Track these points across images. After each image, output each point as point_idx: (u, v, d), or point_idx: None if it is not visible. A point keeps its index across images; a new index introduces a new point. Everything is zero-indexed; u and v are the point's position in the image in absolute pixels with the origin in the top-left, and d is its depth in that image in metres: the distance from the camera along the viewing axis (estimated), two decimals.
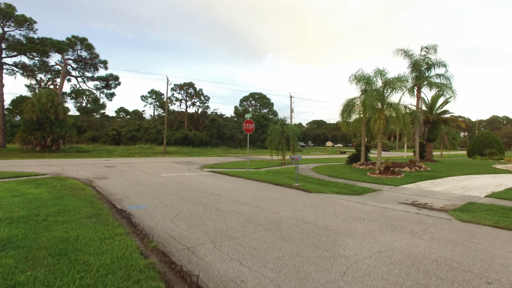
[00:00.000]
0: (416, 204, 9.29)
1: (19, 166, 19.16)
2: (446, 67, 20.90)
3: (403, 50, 21.26)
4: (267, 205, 8.45)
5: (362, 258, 4.59)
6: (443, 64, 20.84)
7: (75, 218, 6.74)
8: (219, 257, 4.58)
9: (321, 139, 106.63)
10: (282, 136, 24.40)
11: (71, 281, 3.72)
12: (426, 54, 21.36)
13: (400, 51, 21.28)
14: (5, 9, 31.04)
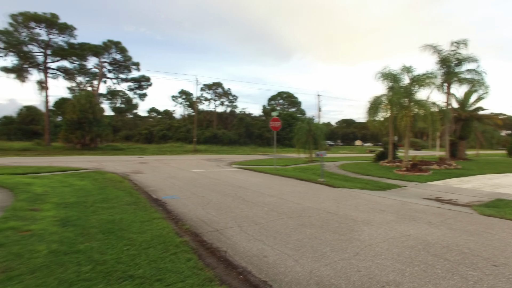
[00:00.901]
0: (440, 199, 9.38)
1: (63, 161, 20.76)
2: (477, 62, 20.25)
3: (431, 45, 20.83)
4: (291, 197, 8.93)
5: (376, 242, 4.97)
6: (474, 59, 20.22)
7: (117, 205, 7.54)
8: (244, 238, 5.14)
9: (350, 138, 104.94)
10: (309, 134, 24.64)
11: (120, 251, 4.40)
12: (457, 49, 20.78)
13: (428, 46, 20.86)
14: (50, 19, 33.48)
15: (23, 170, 14.80)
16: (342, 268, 3.97)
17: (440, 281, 3.67)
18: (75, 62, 38.48)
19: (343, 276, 3.74)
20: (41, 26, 34.22)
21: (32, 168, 15.80)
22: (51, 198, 8.21)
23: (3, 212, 6.50)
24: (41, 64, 36.24)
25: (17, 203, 7.38)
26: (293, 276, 3.75)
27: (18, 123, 55.23)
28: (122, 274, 3.70)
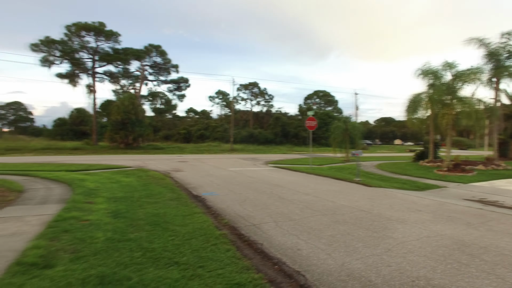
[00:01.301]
0: (484, 201, 9.03)
1: (109, 160, 22.23)
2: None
3: (477, 39, 19.69)
4: (326, 195, 9.07)
5: (409, 240, 5.04)
6: None
7: (161, 200, 8.12)
8: (280, 232, 5.42)
9: (389, 137, 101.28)
10: (345, 133, 24.35)
11: (166, 241, 4.86)
12: (508, 40, 19.45)
13: (473, 40, 19.74)
14: (98, 27, 35.90)
15: (76, 167, 16.16)
16: (373, 262, 4.13)
17: (473, 279, 3.71)
18: (119, 66, 40.84)
19: (374, 270, 3.90)
20: (90, 34, 36.75)
21: (83, 165, 17.17)
22: (102, 192, 9.02)
23: (66, 204, 7.30)
24: (90, 69, 38.89)
25: (75, 196, 8.22)
26: (325, 268, 3.98)
27: (70, 124, 59.39)
28: (168, 260, 4.13)
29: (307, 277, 3.71)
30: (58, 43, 35.48)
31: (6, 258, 4.18)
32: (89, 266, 3.86)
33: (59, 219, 6.02)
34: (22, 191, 9.06)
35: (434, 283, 3.55)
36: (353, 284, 3.52)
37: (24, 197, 8.30)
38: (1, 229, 5.44)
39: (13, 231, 5.38)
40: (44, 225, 5.71)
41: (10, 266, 3.87)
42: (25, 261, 4.00)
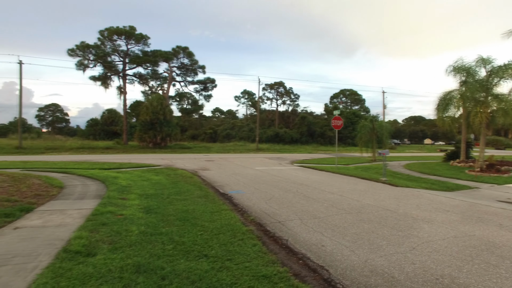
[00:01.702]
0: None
1: (139, 159, 23.10)
2: None
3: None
4: (351, 194, 9.07)
5: (435, 239, 5.02)
6: None
7: (190, 197, 8.45)
8: (305, 229, 5.55)
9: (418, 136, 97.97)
10: (372, 132, 23.93)
11: (195, 235, 5.11)
12: None
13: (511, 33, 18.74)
14: (129, 31, 37.35)
15: (109, 166, 16.97)
16: (396, 260, 4.17)
17: (502, 280, 3.68)
18: (148, 68, 42.15)
19: (397, 267, 3.95)
20: (121, 38, 38.24)
21: (115, 164, 17.99)
22: (134, 189, 9.49)
23: (102, 200, 7.79)
24: (121, 72, 40.45)
25: (110, 192, 8.72)
26: (349, 263, 4.07)
27: (102, 124, 62.01)
28: (198, 253, 4.37)
29: (331, 271, 3.83)
30: (92, 47, 37.19)
31: (55, 246, 4.60)
32: (125, 256, 4.16)
33: (97, 213, 6.46)
34: (62, 187, 9.70)
35: (459, 282, 3.57)
36: (376, 279, 3.60)
37: (64, 193, 8.90)
38: (49, 221, 5.93)
39: (58, 223, 5.85)
40: (84, 218, 6.16)
41: (58, 253, 4.27)
42: (71, 249, 4.38)
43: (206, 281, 3.51)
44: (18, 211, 6.40)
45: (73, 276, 3.57)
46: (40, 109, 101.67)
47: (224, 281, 3.51)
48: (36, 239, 4.93)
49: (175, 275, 3.63)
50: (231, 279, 3.56)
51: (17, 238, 4.95)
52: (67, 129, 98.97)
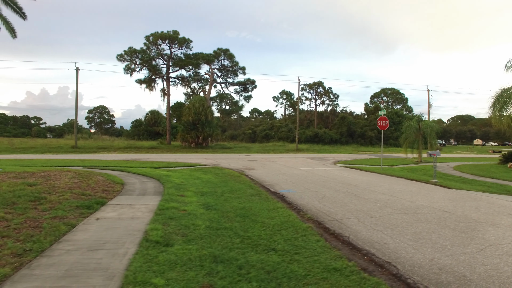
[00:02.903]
0: None
1: (183, 158, 24.07)
2: None
3: None
4: (403, 195, 8.99)
5: (504, 243, 4.93)
6: None
7: (243, 195, 8.81)
8: (363, 228, 5.68)
9: (467, 136, 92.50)
10: (418, 132, 23.13)
11: (258, 231, 5.42)
12: None
13: None
14: (172, 35, 38.98)
15: (158, 164, 17.88)
16: (464, 260, 4.20)
17: None
18: (190, 71, 43.62)
19: (467, 266, 3.99)
20: (165, 42, 39.98)
21: (163, 163, 18.91)
22: (189, 187, 10.03)
23: (162, 196, 8.37)
24: (164, 75, 42.24)
25: (168, 189, 9.31)
26: (415, 261, 4.17)
27: (145, 125, 64.96)
28: (265, 247, 4.67)
29: (399, 267, 3.95)
30: (138, 52, 39.23)
31: (135, 236, 5.12)
32: (200, 247, 4.55)
33: (162, 208, 7.00)
34: (123, 184, 10.49)
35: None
36: (447, 277, 3.68)
37: (126, 189, 9.64)
38: (122, 214, 6.54)
39: (130, 215, 6.44)
40: (152, 212, 6.71)
41: (141, 242, 4.76)
42: (151, 239, 4.86)
43: (280, 272, 3.78)
44: (95, 204, 7.11)
45: (161, 262, 4.00)
46: (89, 111, 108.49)
47: (297, 272, 3.77)
48: (117, 229, 5.50)
49: (250, 266, 3.94)
50: (303, 270, 3.81)
51: (102, 227, 5.55)
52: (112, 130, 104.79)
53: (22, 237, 4.75)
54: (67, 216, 6.05)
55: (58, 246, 4.62)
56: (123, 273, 3.73)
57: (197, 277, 3.57)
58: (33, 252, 4.28)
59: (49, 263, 4.02)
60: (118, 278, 3.62)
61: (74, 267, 3.89)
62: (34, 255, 4.22)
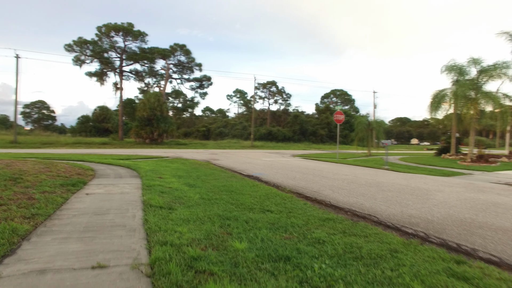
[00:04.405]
0: (510, 183, 9.83)
1: (141, 152, 23.56)
2: None
3: (507, 33, 20.14)
4: (363, 176, 10.10)
5: (450, 200, 6.06)
6: None
7: (219, 177, 9.25)
8: (339, 195, 6.51)
9: (405, 136, 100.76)
10: (368, 128, 25.17)
11: (248, 199, 5.96)
12: None
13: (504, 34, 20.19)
14: (127, 27, 37.67)
15: (118, 157, 17.42)
16: (425, 211, 5.18)
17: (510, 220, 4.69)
18: (145, 65, 42.49)
19: (428, 214, 4.96)
20: (119, 35, 38.51)
21: (123, 156, 18.46)
22: (163, 172, 10.17)
23: (141, 178, 8.51)
24: (117, 68, 40.66)
25: (144, 173, 9.41)
26: (389, 213, 5.05)
27: (93, 121, 61.63)
28: (260, 209, 5.23)
29: (378, 216, 4.79)
30: (89, 43, 37.34)
31: (135, 204, 5.40)
32: (203, 210, 4.99)
33: (148, 184, 7.23)
34: (94, 170, 10.32)
35: (478, 220, 4.60)
36: (416, 220, 4.59)
37: (100, 174, 9.56)
38: (110, 190, 6.69)
39: (119, 191, 6.61)
40: (139, 189, 6.93)
41: (144, 207, 5.07)
42: (154, 204, 5.19)
43: (282, 223, 4.39)
44: (78, 183, 7.13)
45: (174, 219, 4.40)
46: (26, 106, 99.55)
47: (297, 222, 4.40)
48: (113, 200, 5.70)
49: (254, 221, 4.49)
50: (302, 221, 4.46)
51: (96, 200, 5.72)
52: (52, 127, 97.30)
53: (23, 205, 4.82)
54: (55, 191, 6.08)
55: (62, 212, 4.78)
56: (143, 227, 4.08)
57: (213, 228, 4.04)
58: (41, 216, 4.42)
59: (63, 223, 4.22)
60: (139, 230, 3.97)
61: (91, 225, 4.14)
62: (43, 218, 4.37)
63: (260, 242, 3.50)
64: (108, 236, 3.72)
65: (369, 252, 3.22)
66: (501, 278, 2.70)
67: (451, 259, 3.10)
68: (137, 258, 3.02)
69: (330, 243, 3.49)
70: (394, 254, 3.20)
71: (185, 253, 3.07)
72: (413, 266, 2.90)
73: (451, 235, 3.95)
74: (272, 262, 2.97)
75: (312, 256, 3.12)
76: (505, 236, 3.98)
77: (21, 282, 2.46)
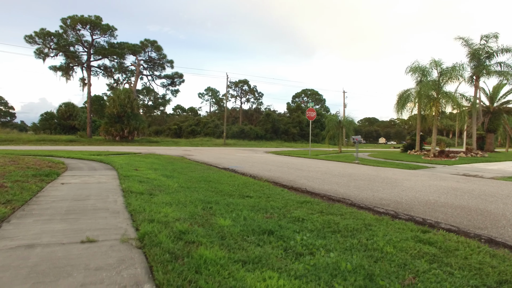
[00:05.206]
0: (467, 175, 10.63)
1: (112, 149, 22.94)
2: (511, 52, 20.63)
3: (463, 38, 21.56)
4: (336, 168, 10.52)
5: (416, 187, 6.53)
6: (507, 49, 20.58)
7: (196, 170, 9.30)
8: (314, 184, 6.80)
9: (373, 136, 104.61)
10: (339, 126, 25.96)
11: (226, 187, 6.09)
12: (486, 43, 21.41)
13: (460, 39, 21.63)
14: (94, 21, 36.30)
15: (88, 153, 16.92)
16: (394, 195, 5.57)
17: (467, 201, 5.16)
18: (115, 60, 41.24)
19: (397, 197, 5.34)
20: (86, 28, 37.08)
21: (94, 152, 17.91)
22: (138, 166, 10.04)
23: (117, 170, 8.38)
24: (85, 63, 39.17)
25: (119, 166, 9.26)
26: (362, 197, 5.38)
27: (58, 118, 58.96)
28: (239, 195, 5.38)
29: (352, 200, 5.10)
30: (53, 35, 35.70)
31: (114, 191, 5.38)
32: (184, 196, 5.06)
33: (125, 175, 7.17)
34: (64, 164, 10.00)
35: (440, 201, 5.04)
36: (387, 202, 4.95)
37: (72, 167, 9.29)
38: (86, 180, 6.58)
39: (96, 181, 6.53)
40: (116, 179, 6.86)
41: (125, 194, 5.07)
42: (134, 191, 5.21)
43: (262, 206, 4.57)
44: (51, 173, 6.95)
45: (157, 202, 4.46)
46: None
47: (276, 205, 4.60)
48: (91, 189, 5.64)
49: (235, 204, 4.63)
50: (281, 204, 4.66)
51: (74, 188, 5.63)
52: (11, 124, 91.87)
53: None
54: (28, 181, 5.91)
55: (39, 199, 4.70)
56: (126, 209, 4.12)
57: (196, 210, 4.15)
58: (18, 202, 4.34)
59: (43, 207, 4.17)
60: (123, 212, 4.01)
61: (73, 209, 4.13)
62: (20, 203, 4.30)
63: (243, 221, 3.67)
64: (92, 217, 3.73)
65: (346, 227, 3.47)
66: (458, 241, 3.06)
67: (418, 229, 3.42)
68: (125, 234, 3.09)
69: (309, 221, 3.72)
70: (369, 227, 3.47)
71: (172, 228, 3.17)
72: (385, 236, 3.18)
73: (417, 212, 4.31)
74: (257, 235, 3.14)
75: (294, 230, 3.32)
76: (463, 212, 4.42)
77: (10, 255, 2.47)
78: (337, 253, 2.70)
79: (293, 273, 2.26)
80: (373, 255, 2.68)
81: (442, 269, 2.43)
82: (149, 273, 2.21)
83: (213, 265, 2.30)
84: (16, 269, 2.22)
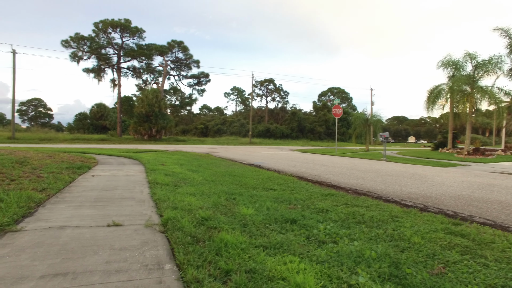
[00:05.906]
0: (505, 173, 10.04)
1: (141, 147, 23.65)
2: None
3: (501, 28, 20.26)
4: (362, 165, 10.26)
5: (447, 182, 6.24)
6: None
7: (221, 165, 9.38)
8: (340, 178, 6.66)
9: (402, 135, 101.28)
10: (366, 124, 25.35)
11: (250, 181, 6.09)
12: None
13: (498, 29, 20.36)
14: (124, 23, 37.58)
15: (118, 151, 17.53)
16: (423, 190, 5.34)
17: (505, 195, 4.86)
18: (143, 62, 42.44)
19: (426, 192, 5.12)
20: (116, 31, 38.43)
21: (123, 150, 18.52)
22: (165, 161, 10.27)
23: (144, 165, 8.62)
24: (115, 64, 40.63)
25: (147, 161, 9.53)
26: (389, 191, 5.21)
27: (91, 118, 61.54)
28: (264, 188, 5.36)
29: (378, 193, 4.95)
30: (86, 39, 37.28)
31: (141, 183, 5.53)
32: (208, 188, 5.12)
33: (152, 169, 7.37)
34: (96, 159, 10.42)
35: (475, 196, 4.78)
36: (415, 196, 4.76)
37: (102, 162, 9.66)
38: (115, 173, 6.81)
39: (124, 174, 6.74)
40: (143, 172, 7.05)
41: (151, 185, 5.20)
42: (160, 182, 5.33)
43: (285, 197, 4.53)
44: (83, 167, 7.25)
45: (181, 192, 4.53)
46: (22, 104, 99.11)
47: (300, 197, 4.55)
48: (119, 180, 5.82)
49: (258, 196, 4.62)
50: (305, 196, 4.60)
51: (103, 179, 5.83)
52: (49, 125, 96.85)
53: (34, 181, 4.95)
54: (62, 172, 6.19)
55: (71, 188, 4.91)
56: (151, 199, 4.22)
57: (220, 200, 4.18)
58: (52, 190, 4.56)
59: (74, 196, 4.35)
60: (148, 201, 4.11)
61: (101, 197, 4.27)
62: (54, 191, 4.51)
63: (266, 211, 3.64)
64: (119, 205, 3.85)
65: (371, 218, 3.37)
66: (495, 234, 2.87)
67: (449, 222, 3.26)
68: (150, 220, 3.16)
69: (333, 212, 3.64)
70: (395, 219, 3.35)
71: (195, 215, 3.21)
72: (413, 227, 3.05)
73: (448, 206, 4.11)
74: (279, 223, 3.11)
75: (317, 220, 3.26)
76: (500, 206, 4.16)
77: (44, 234, 2.60)
78: (361, 242, 2.62)
79: (315, 259, 2.22)
80: (399, 244, 2.58)
81: (475, 260, 2.30)
82: (170, 254, 2.25)
83: (233, 249, 2.30)
84: (49, 246, 2.34)
